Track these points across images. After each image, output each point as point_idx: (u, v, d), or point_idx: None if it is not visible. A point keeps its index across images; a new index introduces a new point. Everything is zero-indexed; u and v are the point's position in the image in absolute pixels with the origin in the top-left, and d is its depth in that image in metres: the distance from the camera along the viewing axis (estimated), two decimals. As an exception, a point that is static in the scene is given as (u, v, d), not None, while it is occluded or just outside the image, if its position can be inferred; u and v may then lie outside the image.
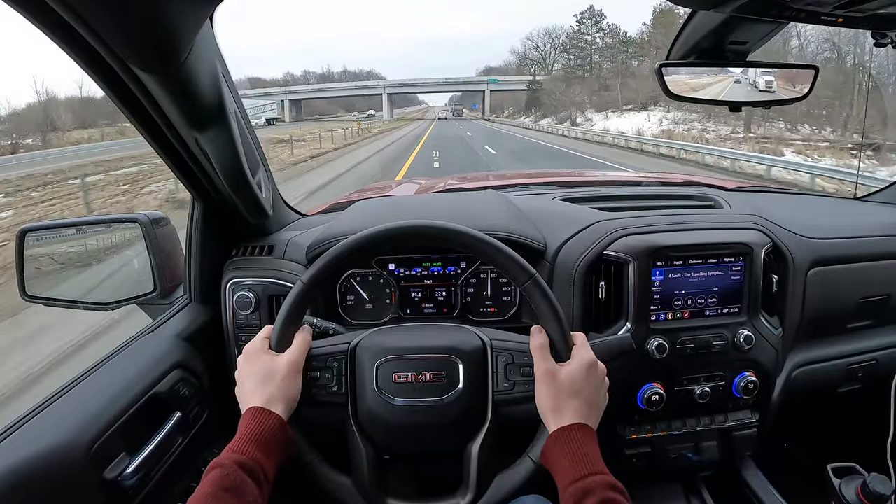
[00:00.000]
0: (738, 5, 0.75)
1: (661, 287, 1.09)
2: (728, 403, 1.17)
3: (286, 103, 73.51)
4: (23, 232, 1.08)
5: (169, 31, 0.61)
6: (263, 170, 1.11)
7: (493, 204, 1.29)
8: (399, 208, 1.36)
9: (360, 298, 1.16)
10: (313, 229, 1.22)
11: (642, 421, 1.15)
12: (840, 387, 1.32)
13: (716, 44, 0.99)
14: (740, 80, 1.02)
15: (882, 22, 0.85)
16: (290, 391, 0.75)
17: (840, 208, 1.57)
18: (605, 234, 1.10)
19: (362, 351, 0.81)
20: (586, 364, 0.75)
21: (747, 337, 1.10)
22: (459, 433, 0.79)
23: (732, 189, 1.54)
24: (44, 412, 0.77)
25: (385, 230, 0.81)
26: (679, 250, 1.08)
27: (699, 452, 1.17)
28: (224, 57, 0.87)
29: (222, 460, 0.66)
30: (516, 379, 0.78)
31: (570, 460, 0.69)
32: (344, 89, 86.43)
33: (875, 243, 1.31)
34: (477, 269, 1.14)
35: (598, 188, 1.57)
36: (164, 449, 0.88)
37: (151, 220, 1.11)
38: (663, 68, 1.00)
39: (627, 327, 1.08)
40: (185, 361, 1.01)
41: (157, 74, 0.69)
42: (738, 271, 1.11)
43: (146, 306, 1.18)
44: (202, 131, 0.84)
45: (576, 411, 0.73)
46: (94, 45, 0.63)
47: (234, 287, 1.13)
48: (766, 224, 1.18)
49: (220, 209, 1.08)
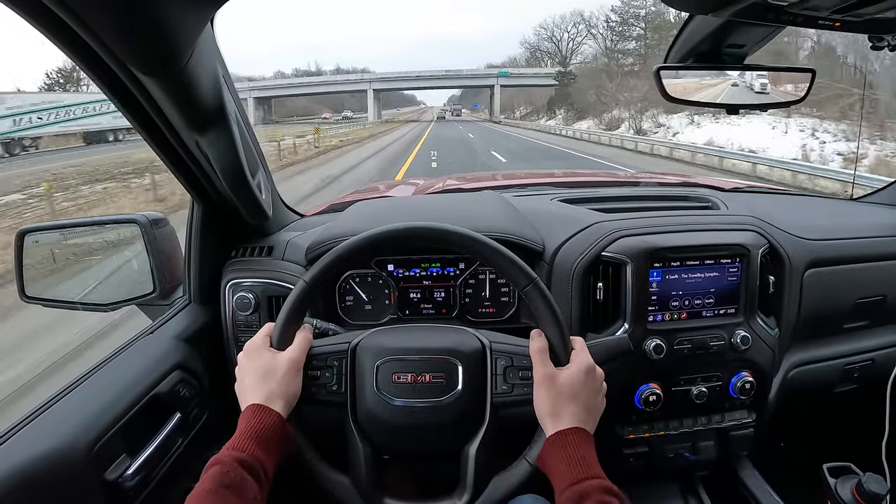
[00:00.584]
0: (736, 10, 0.76)
1: (658, 288, 1.09)
2: (725, 403, 1.17)
3: (250, 101, 60.46)
4: (22, 233, 1.08)
5: (171, 34, 0.62)
6: (263, 171, 1.11)
7: (491, 205, 1.30)
8: (398, 209, 1.37)
9: (359, 299, 1.16)
10: (312, 230, 1.22)
11: (640, 421, 1.15)
12: (836, 387, 1.33)
13: (713, 47, 0.99)
14: (737, 82, 1.03)
15: (878, 26, 0.85)
16: (290, 388, 0.76)
17: (836, 209, 1.58)
18: (603, 235, 1.10)
19: (363, 351, 0.81)
20: (585, 368, 0.76)
21: (744, 337, 1.11)
22: (458, 434, 0.79)
23: (729, 190, 1.55)
24: (45, 414, 0.77)
25: (386, 232, 0.81)
26: (676, 251, 1.09)
27: (696, 452, 1.18)
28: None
29: (222, 457, 0.66)
30: (515, 382, 0.79)
31: (566, 464, 0.69)
32: (321, 84, 70.19)
33: (871, 244, 1.32)
34: (476, 270, 1.15)
35: (595, 189, 1.58)
36: (165, 450, 0.89)
37: (150, 221, 1.11)
38: (661, 71, 1.01)
39: (625, 328, 1.08)
40: (185, 362, 1.01)
41: (158, 77, 0.69)
42: (735, 272, 1.12)
43: (145, 307, 1.19)
44: (203, 133, 0.84)
45: (573, 415, 0.73)
46: (96, 48, 0.64)
47: (234, 288, 1.13)
48: (763, 225, 1.19)
49: (219, 210, 1.08)
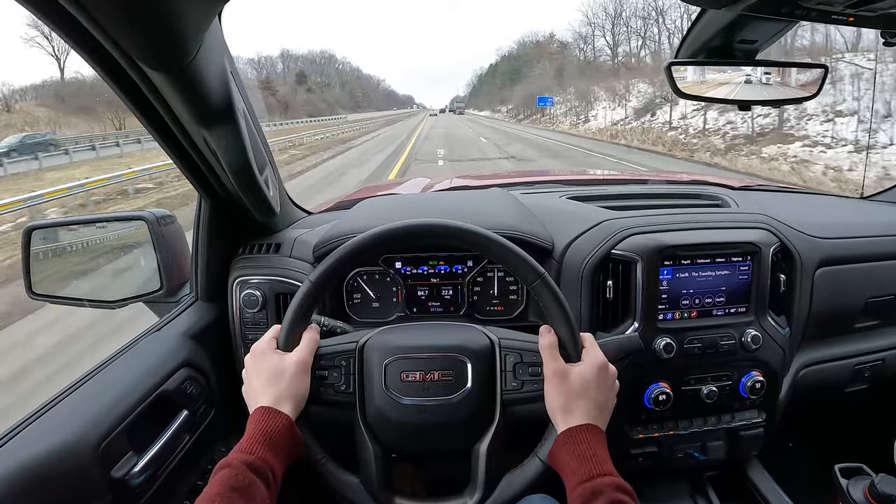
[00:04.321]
0: (748, 4, 0.75)
1: (668, 286, 1.08)
2: (735, 403, 1.17)
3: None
4: (29, 229, 1.09)
5: (178, 29, 0.61)
6: (270, 167, 1.11)
7: (500, 202, 1.29)
8: (406, 206, 1.36)
9: (366, 297, 1.16)
10: (320, 227, 1.22)
11: (649, 420, 1.15)
12: (847, 387, 1.32)
13: (725, 42, 0.98)
14: (751, 79, 1.01)
15: (893, 21, 0.84)
16: (298, 390, 0.75)
17: (847, 208, 1.56)
18: (613, 233, 1.10)
19: (370, 350, 0.80)
20: (597, 365, 0.75)
21: (755, 337, 1.10)
22: (467, 432, 0.79)
23: (739, 188, 1.53)
24: (51, 410, 0.77)
25: (394, 229, 0.80)
26: (687, 249, 1.08)
27: (706, 452, 1.17)
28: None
29: (231, 460, 0.66)
30: (525, 378, 0.78)
31: (578, 461, 0.69)
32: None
33: (882, 243, 1.30)
34: (484, 268, 1.14)
35: (604, 187, 1.57)
36: (172, 447, 0.88)
37: (158, 218, 1.11)
38: (672, 67, 0.99)
39: (635, 327, 1.08)
40: (192, 359, 1.01)
41: (166, 73, 0.69)
42: (746, 271, 1.11)
43: (152, 304, 1.18)
44: (210, 129, 0.84)
45: (585, 412, 0.73)
46: (104, 43, 0.63)
47: (241, 285, 1.13)
48: (774, 223, 1.18)
49: (227, 207, 1.08)
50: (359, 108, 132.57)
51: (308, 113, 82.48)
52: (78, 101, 50.28)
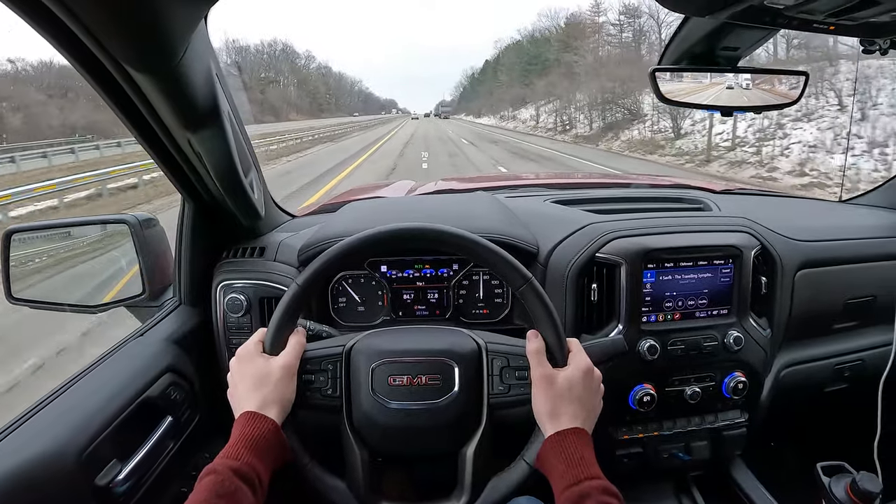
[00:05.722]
0: (732, 12, 0.76)
1: (652, 289, 1.10)
2: (718, 404, 1.18)
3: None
4: (9, 233, 1.06)
5: (165, 31, 0.61)
6: (255, 170, 1.10)
7: (485, 206, 1.29)
8: (391, 210, 1.36)
9: (352, 300, 1.15)
10: (304, 231, 1.21)
11: (634, 422, 1.16)
12: (827, 386, 1.34)
13: (708, 49, 1.00)
14: (732, 85, 1.03)
15: (872, 30, 0.86)
16: (284, 395, 0.74)
17: (826, 211, 1.60)
18: (597, 236, 1.11)
19: (357, 354, 0.80)
20: (584, 370, 0.76)
21: (737, 338, 1.12)
22: (454, 436, 0.79)
23: (721, 192, 1.56)
24: (33, 418, 0.76)
25: (382, 232, 0.80)
26: (670, 253, 1.09)
27: (690, 452, 1.19)
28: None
29: (216, 466, 0.65)
30: (511, 382, 0.78)
31: (566, 464, 0.69)
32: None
33: (861, 245, 1.33)
34: (469, 272, 1.14)
35: (588, 191, 1.58)
36: (156, 454, 0.87)
37: (140, 222, 1.09)
38: (656, 73, 1.01)
39: (619, 329, 1.08)
40: (175, 365, 0.99)
41: (151, 75, 0.68)
42: (728, 273, 1.13)
43: (134, 309, 1.17)
44: (195, 132, 0.83)
45: (572, 416, 0.73)
46: (89, 44, 0.62)
47: (225, 289, 1.12)
48: (755, 227, 1.20)
49: (210, 210, 1.07)
50: (322, 112, 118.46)
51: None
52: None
